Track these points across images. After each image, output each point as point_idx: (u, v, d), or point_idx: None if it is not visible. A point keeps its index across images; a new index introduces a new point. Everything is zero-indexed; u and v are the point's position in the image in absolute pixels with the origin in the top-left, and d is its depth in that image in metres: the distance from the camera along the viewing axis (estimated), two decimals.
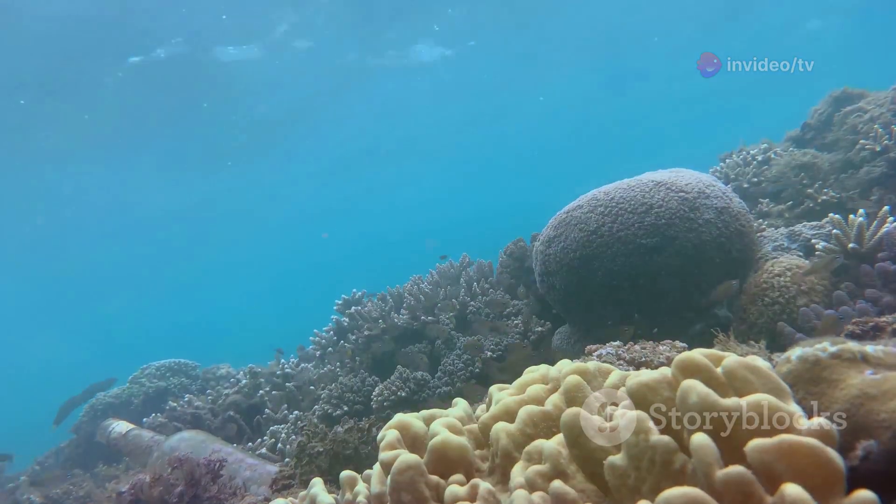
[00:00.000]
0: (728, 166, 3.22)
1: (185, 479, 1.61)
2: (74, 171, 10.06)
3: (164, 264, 20.72)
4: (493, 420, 0.79)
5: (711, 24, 10.52)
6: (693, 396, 0.53)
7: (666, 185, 2.01)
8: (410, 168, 18.81)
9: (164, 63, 8.10)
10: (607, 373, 0.78)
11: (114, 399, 4.05)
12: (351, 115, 12.09)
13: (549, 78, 12.63)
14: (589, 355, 1.47)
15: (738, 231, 1.98)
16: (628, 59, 12.38)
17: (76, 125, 8.67)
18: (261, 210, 18.37)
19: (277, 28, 8.29)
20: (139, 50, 7.76)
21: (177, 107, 9.22)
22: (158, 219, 14.45)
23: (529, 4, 9.20)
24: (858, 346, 0.68)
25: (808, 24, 11.53)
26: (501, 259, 3.04)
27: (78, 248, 14.22)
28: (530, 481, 0.63)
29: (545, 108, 15.42)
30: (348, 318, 3.21)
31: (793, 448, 0.46)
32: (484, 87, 12.59)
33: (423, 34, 9.74)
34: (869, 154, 2.65)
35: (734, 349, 1.27)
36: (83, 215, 12.32)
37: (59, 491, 3.09)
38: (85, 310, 21.81)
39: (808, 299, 1.79)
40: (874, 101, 2.93)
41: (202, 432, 2.58)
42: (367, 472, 0.84)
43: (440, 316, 2.84)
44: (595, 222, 2.04)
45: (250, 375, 3.31)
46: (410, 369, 2.49)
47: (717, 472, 0.48)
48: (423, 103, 12.66)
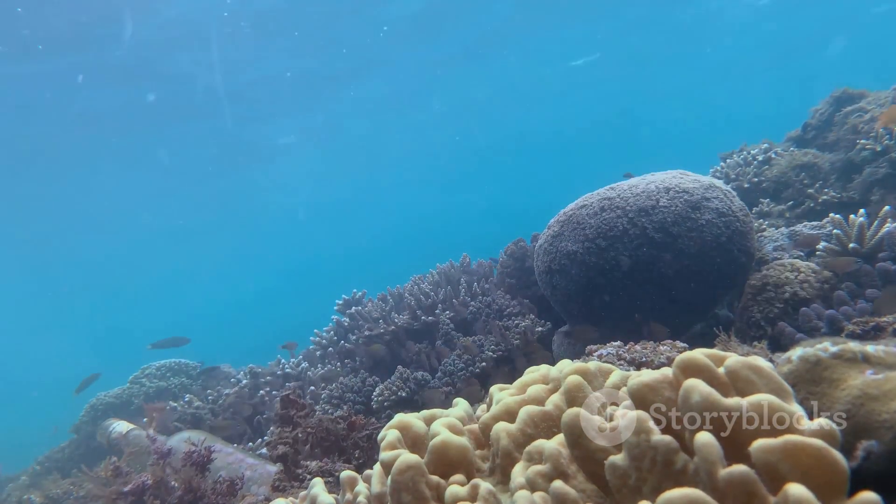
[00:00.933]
0: (729, 166, 3.22)
1: (185, 481, 1.61)
2: (77, 171, 10.08)
3: (164, 264, 20.74)
4: (493, 420, 0.78)
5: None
6: (695, 396, 0.53)
7: (668, 187, 2.01)
8: (410, 168, 18.83)
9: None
10: (608, 373, 0.78)
11: (114, 399, 4.04)
12: (352, 116, 12.09)
13: (549, 77, 12.64)
14: (590, 355, 1.47)
15: (740, 231, 1.98)
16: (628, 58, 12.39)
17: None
18: (260, 210, 18.38)
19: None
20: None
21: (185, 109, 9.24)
22: (160, 218, 14.46)
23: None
24: (859, 345, 0.68)
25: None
26: (502, 259, 3.04)
27: (77, 248, 14.21)
28: (531, 482, 0.62)
29: (545, 108, 15.42)
30: (349, 319, 3.21)
31: (797, 448, 0.46)
32: (483, 87, 12.59)
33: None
34: (870, 154, 2.65)
35: (735, 349, 1.27)
36: (84, 215, 12.32)
37: (59, 491, 3.09)
38: (84, 310, 21.84)
39: (808, 300, 1.78)
40: (875, 101, 2.93)
41: (202, 432, 2.58)
42: (368, 473, 0.84)
43: (440, 316, 2.84)
44: (598, 222, 2.04)
45: (250, 376, 3.31)
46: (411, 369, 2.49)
47: (721, 472, 0.48)
48: (422, 105, 12.66)
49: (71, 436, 4.05)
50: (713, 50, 12.99)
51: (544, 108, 15.52)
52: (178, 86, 8.49)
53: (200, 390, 4.01)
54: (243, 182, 13.98)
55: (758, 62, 14.52)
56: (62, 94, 7.72)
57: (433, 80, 11.56)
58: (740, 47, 13.25)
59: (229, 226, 18.55)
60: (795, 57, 14.99)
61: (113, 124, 8.85)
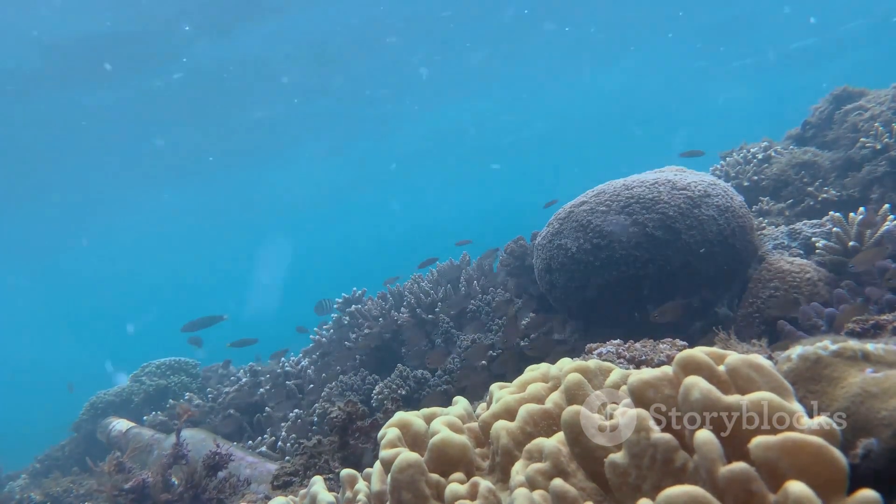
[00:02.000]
0: (729, 164, 3.22)
1: (185, 478, 1.61)
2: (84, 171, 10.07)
3: (165, 264, 20.73)
4: (493, 418, 0.78)
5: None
6: (695, 394, 0.53)
7: (669, 184, 2.01)
8: (412, 167, 18.81)
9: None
10: (608, 371, 0.78)
11: (114, 397, 4.05)
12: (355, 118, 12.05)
13: (548, 77, 12.61)
14: (589, 353, 1.47)
15: (740, 228, 1.98)
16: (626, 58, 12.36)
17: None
18: (261, 210, 18.37)
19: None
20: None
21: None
22: (162, 217, 14.45)
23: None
24: (859, 344, 0.68)
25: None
26: (501, 257, 3.04)
27: (76, 246, 14.21)
28: (531, 480, 0.63)
29: (545, 108, 15.40)
30: (349, 317, 3.21)
31: (797, 446, 0.46)
32: (482, 87, 12.56)
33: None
34: (870, 152, 2.65)
35: (735, 347, 1.27)
36: (84, 213, 12.30)
37: (59, 489, 3.09)
38: (84, 310, 21.83)
39: (808, 298, 1.79)
40: (875, 100, 2.92)
41: (202, 430, 2.59)
42: (368, 471, 0.84)
43: (440, 315, 2.84)
44: (597, 220, 2.04)
45: (250, 374, 3.32)
46: (411, 368, 2.49)
47: (721, 469, 0.48)
48: (421, 109, 12.63)
49: (71, 434, 4.05)
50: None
51: (544, 108, 15.51)
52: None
53: (200, 389, 4.02)
54: (244, 183, 13.97)
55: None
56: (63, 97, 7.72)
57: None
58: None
59: (229, 225, 18.55)
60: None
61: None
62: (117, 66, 7.40)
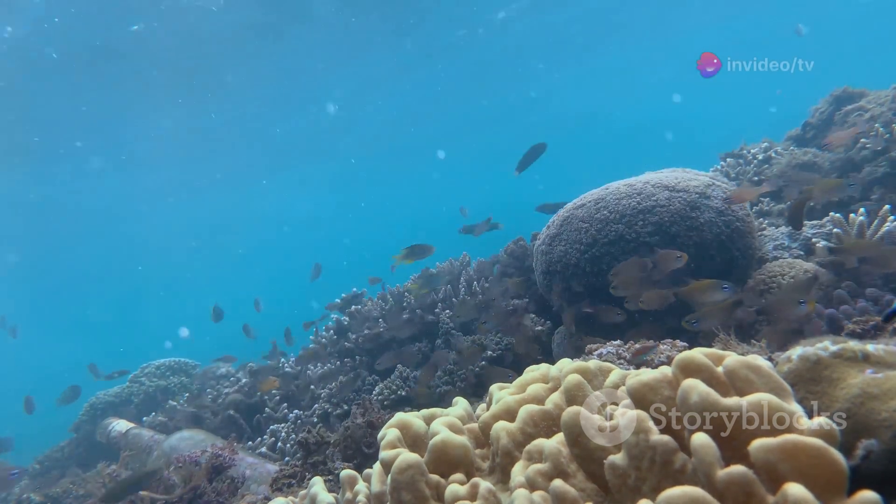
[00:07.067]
0: (729, 165, 3.22)
1: (184, 479, 1.61)
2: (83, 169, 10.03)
3: (164, 263, 20.72)
4: (493, 419, 0.78)
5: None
6: (694, 396, 0.53)
7: (667, 185, 2.01)
8: (412, 167, 18.81)
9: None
10: (608, 372, 0.78)
11: (114, 398, 4.05)
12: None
13: (547, 78, 12.62)
14: (589, 354, 1.47)
15: (740, 231, 1.98)
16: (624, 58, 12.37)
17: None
18: (260, 210, 18.36)
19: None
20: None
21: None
22: (162, 217, 14.44)
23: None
24: (860, 344, 0.68)
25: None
26: (502, 258, 3.04)
27: (75, 246, 14.19)
28: (531, 480, 0.62)
29: (544, 109, 15.40)
30: (348, 317, 3.21)
31: (797, 448, 0.46)
32: (480, 88, 12.56)
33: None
34: (870, 153, 2.64)
35: (735, 348, 1.27)
36: (82, 212, 12.29)
37: (58, 490, 3.09)
38: (83, 309, 21.82)
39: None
40: (875, 100, 2.92)
41: (202, 431, 2.59)
42: (368, 472, 0.84)
43: (440, 315, 2.84)
44: (597, 221, 2.04)
45: (250, 374, 3.31)
46: (408, 368, 2.49)
47: (719, 472, 0.48)
48: (421, 106, 12.63)
49: (70, 435, 4.05)
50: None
51: (544, 107, 15.52)
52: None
53: (200, 389, 4.01)
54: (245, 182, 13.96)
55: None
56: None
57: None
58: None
59: (229, 226, 18.55)
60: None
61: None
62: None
